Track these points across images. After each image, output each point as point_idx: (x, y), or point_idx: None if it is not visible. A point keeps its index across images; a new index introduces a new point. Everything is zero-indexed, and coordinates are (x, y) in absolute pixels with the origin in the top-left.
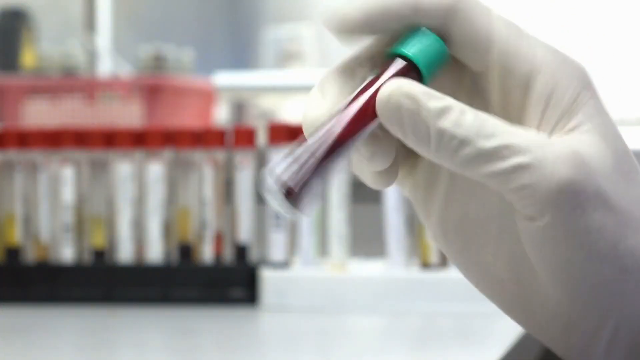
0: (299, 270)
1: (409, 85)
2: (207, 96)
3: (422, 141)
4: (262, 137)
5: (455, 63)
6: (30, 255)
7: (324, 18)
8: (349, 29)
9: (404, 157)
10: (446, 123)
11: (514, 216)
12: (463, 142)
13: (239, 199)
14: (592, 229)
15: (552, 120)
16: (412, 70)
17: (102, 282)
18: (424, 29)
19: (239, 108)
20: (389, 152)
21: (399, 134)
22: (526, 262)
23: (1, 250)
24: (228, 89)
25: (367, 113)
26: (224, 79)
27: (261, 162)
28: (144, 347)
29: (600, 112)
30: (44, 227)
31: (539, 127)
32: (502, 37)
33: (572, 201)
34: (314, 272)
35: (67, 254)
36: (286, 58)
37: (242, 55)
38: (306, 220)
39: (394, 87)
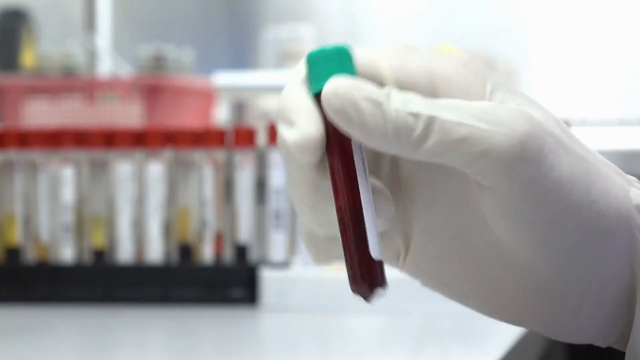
0: (299, 270)
1: (352, 79)
2: (207, 96)
3: (372, 126)
4: (262, 137)
5: None
6: (30, 255)
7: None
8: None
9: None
10: (396, 102)
11: (475, 212)
12: (417, 117)
13: (239, 199)
14: (564, 178)
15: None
16: None
17: (102, 282)
18: (308, 55)
19: (239, 108)
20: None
21: (348, 125)
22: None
23: (1, 250)
24: (228, 89)
25: (344, 157)
26: (224, 79)
27: (261, 162)
28: (144, 347)
29: (514, 92)
30: (44, 227)
31: None
32: (390, 61)
33: (538, 152)
34: (314, 272)
35: (67, 254)
36: (286, 58)
37: (242, 55)
38: None
39: (337, 83)
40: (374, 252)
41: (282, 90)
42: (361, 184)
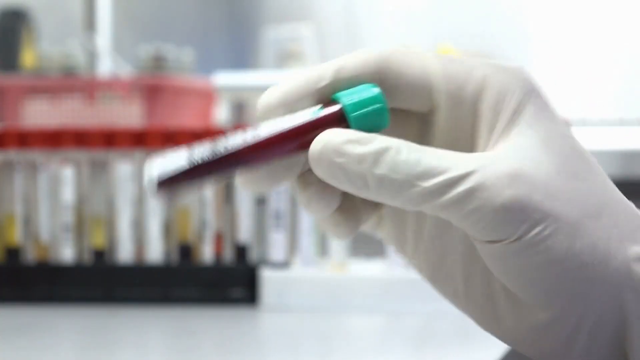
0: (299, 270)
1: (337, 138)
2: (207, 96)
3: (361, 189)
4: None
5: (399, 110)
6: (30, 255)
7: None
8: (269, 113)
9: (371, 208)
10: (382, 169)
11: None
12: (402, 185)
13: (239, 199)
14: (543, 237)
15: (499, 132)
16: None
17: (102, 282)
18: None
19: (239, 108)
20: (328, 200)
21: (339, 186)
22: (493, 281)
23: (1, 250)
24: (228, 89)
25: (284, 144)
26: (224, 79)
27: None
28: (144, 347)
29: (542, 116)
30: (44, 227)
31: (487, 143)
32: (439, 73)
33: (518, 217)
34: (314, 272)
35: (67, 254)
36: (286, 58)
37: (242, 55)
38: (306, 220)
39: (323, 143)
40: (201, 180)
41: None
42: (265, 161)
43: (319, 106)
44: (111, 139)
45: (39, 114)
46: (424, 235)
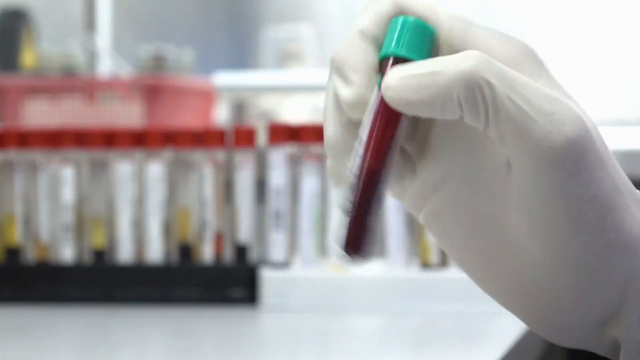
0: (299, 270)
1: (407, 69)
2: (207, 96)
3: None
4: (262, 137)
5: None
6: (30, 255)
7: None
8: (358, 111)
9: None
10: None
11: (506, 200)
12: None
13: (239, 199)
14: (586, 198)
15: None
16: (406, 62)
17: (102, 282)
18: (400, 18)
19: (239, 108)
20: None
21: (428, 112)
22: (516, 246)
23: (1, 250)
24: (228, 89)
25: (386, 129)
26: (224, 79)
27: (261, 162)
28: (144, 347)
29: (566, 94)
30: (44, 227)
31: None
32: (447, 26)
33: (572, 165)
34: (314, 272)
35: (67, 254)
36: (286, 58)
37: (242, 55)
38: (306, 220)
39: (399, 75)
40: (371, 223)
41: (283, 88)
42: (389, 157)
43: (378, 77)
44: (111, 139)
45: (39, 114)
46: (451, 196)
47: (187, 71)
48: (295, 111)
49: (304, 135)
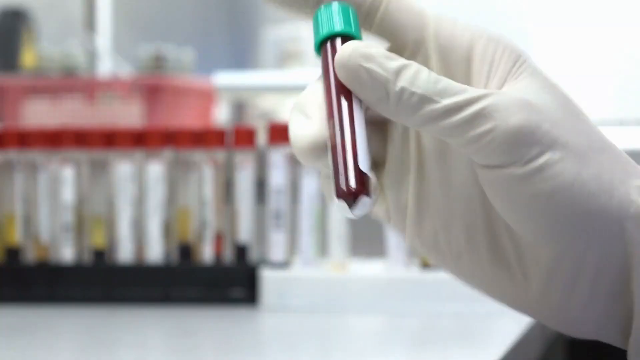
0: (299, 270)
1: (365, 47)
2: (207, 96)
3: (381, 100)
4: (262, 137)
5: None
6: (30, 255)
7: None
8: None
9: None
10: (404, 81)
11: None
12: (422, 99)
13: (239, 199)
14: (552, 162)
15: (497, 81)
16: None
17: (102, 282)
18: (322, 7)
19: (239, 108)
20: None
21: (359, 94)
22: (498, 230)
23: (1, 250)
24: (228, 89)
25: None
26: (224, 79)
27: (261, 162)
28: (144, 347)
29: (538, 70)
30: (44, 227)
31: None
32: (434, 15)
33: (529, 140)
34: (314, 272)
35: (67, 254)
36: (286, 58)
37: (242, 55)
38: (306, 220)
39: (351, 48)
40: (363, 165)
41: (283, 88)
42: (356, 110)
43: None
44: (111, 139)
45: (39, 114)
46: (426, 195)
47: (187, 71)
48: None
49: None
